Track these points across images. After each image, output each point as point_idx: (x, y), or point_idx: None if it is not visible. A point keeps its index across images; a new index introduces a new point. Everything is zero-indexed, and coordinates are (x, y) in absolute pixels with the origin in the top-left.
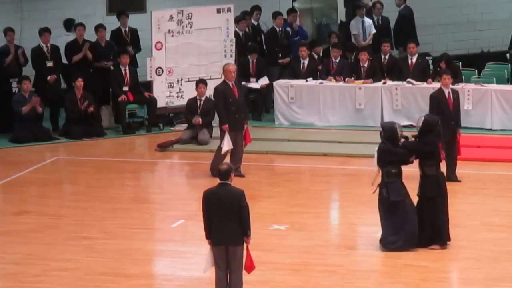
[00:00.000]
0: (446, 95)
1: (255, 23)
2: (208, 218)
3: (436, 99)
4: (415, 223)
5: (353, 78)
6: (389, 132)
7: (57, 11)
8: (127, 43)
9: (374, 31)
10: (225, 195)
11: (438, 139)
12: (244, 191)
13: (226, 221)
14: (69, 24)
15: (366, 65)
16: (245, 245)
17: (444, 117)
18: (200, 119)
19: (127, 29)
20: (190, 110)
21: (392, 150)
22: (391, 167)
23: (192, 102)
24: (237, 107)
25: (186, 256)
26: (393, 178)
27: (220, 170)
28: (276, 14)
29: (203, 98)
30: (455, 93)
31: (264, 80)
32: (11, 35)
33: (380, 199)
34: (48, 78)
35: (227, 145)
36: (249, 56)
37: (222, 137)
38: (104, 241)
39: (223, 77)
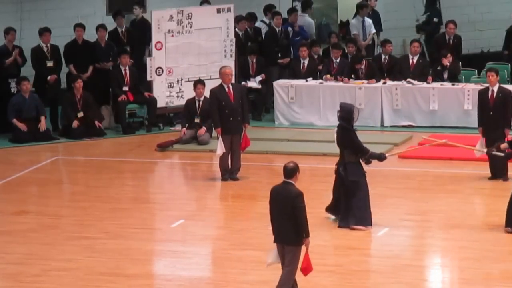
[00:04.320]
0: (489, 93)
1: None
2: (271, 214)
3: (480, 96)
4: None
5: (353, 78)
6: (345, 113)
7: (57, 11)
8: (124, 43)
9: (374, 31)
10: (282, 194)
11: None
12: (302, 193)
13: (281, 220)
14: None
15: (363, 66)
16: (303, 246)
17: (485, 115)
18: (205, 129)
19: (123, 29)
20: (189, 111)
21: (355, 141)
22: (350, 150)
23: (191, 102)
24: (231, 110)
25: (186, 256)
26: (353, 159)
27: (285, 168)
28: (275, 14)
29: (202, 98)
30: (502, 92)
31: (260, 78)
32: (13, 34)
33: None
34: (48, 78)
35: (220, 148)
36: (249, 57)
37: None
38: (104, 241)
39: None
